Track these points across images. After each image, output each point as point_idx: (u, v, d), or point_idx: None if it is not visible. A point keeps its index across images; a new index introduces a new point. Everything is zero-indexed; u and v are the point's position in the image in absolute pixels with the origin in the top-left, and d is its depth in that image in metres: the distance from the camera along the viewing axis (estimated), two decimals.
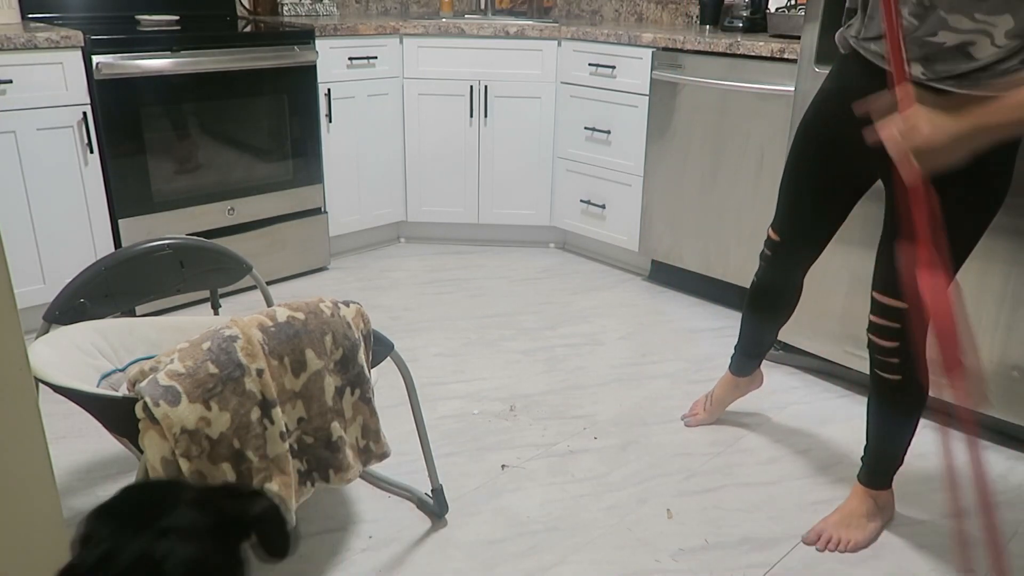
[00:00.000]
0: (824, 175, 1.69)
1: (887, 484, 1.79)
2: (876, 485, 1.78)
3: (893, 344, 1.59)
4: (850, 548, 1.73)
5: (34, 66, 2.35)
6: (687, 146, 2.85)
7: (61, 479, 1.89)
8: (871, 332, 1.63)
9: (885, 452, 1.75)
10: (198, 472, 1.26)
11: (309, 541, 1.72)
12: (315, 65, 2.97)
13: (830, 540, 1.73)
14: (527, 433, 2.13)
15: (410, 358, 2.52)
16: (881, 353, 1.62)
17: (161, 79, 2.59)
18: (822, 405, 2.31)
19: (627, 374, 2.46)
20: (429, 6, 4.02)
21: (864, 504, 1.78)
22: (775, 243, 1.82)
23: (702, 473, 1.99)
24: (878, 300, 1.59)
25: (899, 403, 1.67)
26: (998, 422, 2.16)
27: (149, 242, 1.75)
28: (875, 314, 1.60)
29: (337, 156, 3.17)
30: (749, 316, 2.01)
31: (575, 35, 3.14)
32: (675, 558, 1.69)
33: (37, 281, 2.50)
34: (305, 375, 1.39)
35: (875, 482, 1.78)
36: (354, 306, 1.51)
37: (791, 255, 1.82)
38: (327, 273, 3.22)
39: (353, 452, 1.49)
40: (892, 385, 1.64)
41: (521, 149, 3.36)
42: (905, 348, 1.58)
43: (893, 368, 1.62)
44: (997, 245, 1.96)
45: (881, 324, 1.59)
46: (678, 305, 2.99)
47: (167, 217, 2.72)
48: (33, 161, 2.41)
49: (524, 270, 3.30)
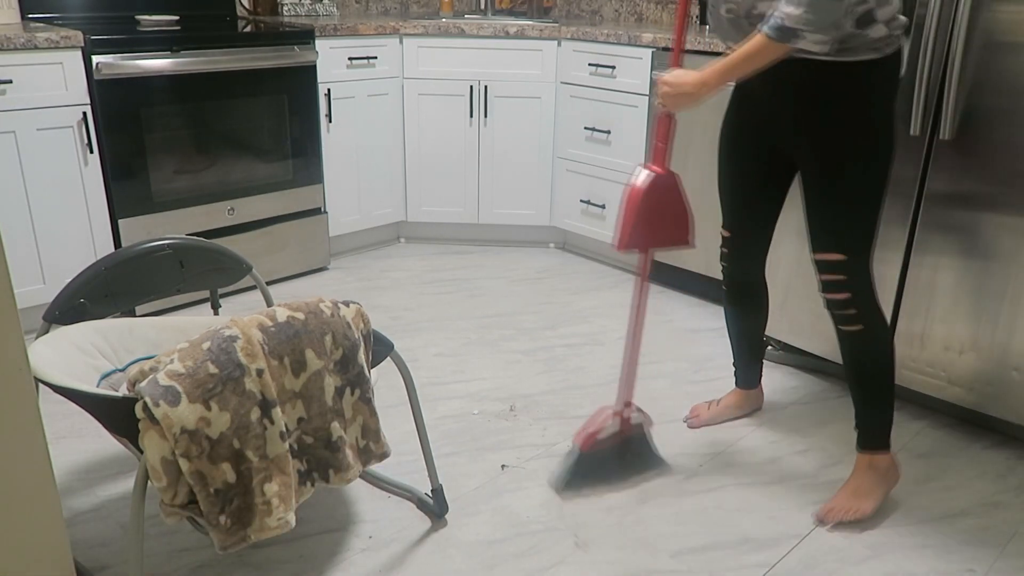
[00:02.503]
0: (743, 164, 1.88)
1: (885, 445, 1.83)
2: (873, 446, 1.82)
3: (844, 295, 1.72)
4: (858, 517, 1.79)
5: (34, 66, 2.35)
6: (687, 146, 2.85)
7: (61, 479, 1.89)
8: (822, 292, 1.76)
9: (873, 409, 1.81)
10: (198, 472, 1.26)
11: (309, 541, 1.72)
12: (315, 65, 2.97)
13: (841, 512, 1.79)
14: (527, 433, 2.13)
15: (410, 358, 2.52)
16: (836, 307, 1.74)
17: (161, 79, 2.59)
18: (822, 405, 2.31)
19: None
20: (429, 6, 4.02)
21: (867, 476, 1.83)
22: (726, 239, 1.98)
23: (702, 473, 1.99)
24: (817, 259, 1.74)
25: (868, 352, 1.76)
26: (998, 422, 2.16)
27: (149, 242, 1.75)
28: (819, 272, 1.75)
29: (337, 156, 3.17)
30: (730, 318, 2.12)
31: (575, 35, 3.14)
32: (675, 558, 1.69)
33: (37, 281, 2.51)
34: (305, 375, 1.39)
35: (872, 443, 1.82)
36: (354, 306, 1.51)
37: (743, 247, 1.96)
38: (327, 273, 3.22)
39: (353, 452, 1.49)
40: (856, 336, 1.75)
41: (521, 149, 3.36)
42: (856, 296, 1.72)
43: (851, 319, 1.73)
44: (998, 245, 1.96)
45: (827, 280, 1.74)
46: (678, 305, 2.99)
47: (167, 217, 2.72)
48: (33, 161, 2.41)
49: (524, 270, 3.30)
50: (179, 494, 1.28)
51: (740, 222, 1.94)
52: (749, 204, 1.91)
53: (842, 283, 1.71)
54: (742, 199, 1.91)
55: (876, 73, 1.59)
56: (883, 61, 1.59)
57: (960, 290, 2.05)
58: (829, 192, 1.67)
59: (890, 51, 1.59)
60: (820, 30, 1.49)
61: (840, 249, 1.69)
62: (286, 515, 1.34)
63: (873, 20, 1.54)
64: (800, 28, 1.49)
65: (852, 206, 1.67)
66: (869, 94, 1.60)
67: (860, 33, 1.54)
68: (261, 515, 1.32)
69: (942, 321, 2.10)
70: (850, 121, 1.62)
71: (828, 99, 1.62)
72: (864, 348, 1.76)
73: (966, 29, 1.89)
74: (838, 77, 1.59)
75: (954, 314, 2.08)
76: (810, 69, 1.59)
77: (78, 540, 1.69)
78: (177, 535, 1.72)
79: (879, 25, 1.55)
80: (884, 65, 1.59)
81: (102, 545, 1.69)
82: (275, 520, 1.33)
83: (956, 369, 2.10)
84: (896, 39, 1.60)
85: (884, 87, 1.62)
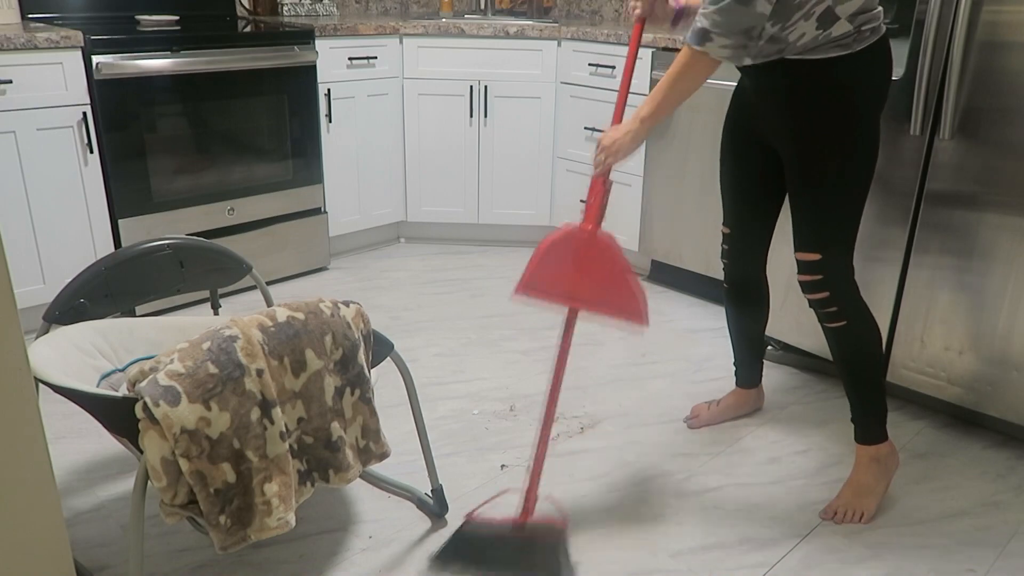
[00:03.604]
0: (741, 161, 1.89)
1: (883, 435, 1.84)
2: (872, 439, 1.84)
3: (824, 294, 1.74)
4: (864, 520, 1.81)
5: (34, 66, 2.35)
6: (687, 146, 2.85)
7: (61, 479, 1.89)
8: (803, 292, 1.77)
9: (866, 402, 1.82)
10: (198, 472, 1.26)
11: (309, 541, 1.72)
12: (315, 65, 2.97)
13: (846, 515, 1.81)
14: (527, 433, 2.13)
15: (410, 358, 2.52)
16: (820, 306, 1.76)
17: (161, 79, 2.59)
18: (822, 405, 2.31)
19: (627, 374, 2.46)
20: (429, 6, 4.02)
21: (869, 470, 1.84)
22: (727, 236, 2.00)
23: (702, 473, 1.99)
24: (798, 259, 1.75)
25: (855, 346, 1.77)
26: (997, 422, 2.16)
27: (149, 242, 1.75)
28: (799, 273, 1.76)
29: (337, 156, 3.17)
30: (730, 316, 2.12)
31: (575, 35, 3.14)
32: (675, 558, 1.69)
33: (37, 281, 2.51)
34: (305, 375, 1.39)
35: (871, 435, 1.84)
36: (354, 306, 1.51)
37: (743, 244, 1.98)
38: (327, 273, 3.22)
39: (353, 452, 1.49)
40: (841, 332, 1.76)
41: (521, 149, 3.36)
42: (837, 294, 1.73)
43: (834, 315, 1.75)
44: (997, 245, 1.96)
45: (806, 280, 1.75)
46: (678, 305, 2.99)
47: (167, 217, 2.72)
48: (33, 161, 2.41)
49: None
50: (179, 494, 1.28)
51: (740, 219, 1.96)
52: (748, 201, 1.93)
53: (819, 283, 1.73)
54: (742, 196, 1.93)
55: (844, 69, 1.57)
56: (853, 57, 1.57)
57: (960, 290, 2.05)
58: (805, 190, 1.68)
59: (860, 47, 1.57)
60: (727, 34, 1.50)
61: (817, 248, 1.71)
62: (286, 515, 1.34)
63: (835, 17, 1.53)
64: (709, 29, 1.50)
65: (828, 205, 1.67)
66: (840, 91, 1.59)
67: (822, 32, 1.54)
68: (261, 515, 1.32)
69: (942, 321, 2.10)
70: (823, 119, 1.62)
71: (801, 97, 1.62)
72: (850, 342, 1.77)
73: (966, 29, 1.89)
74: (807, 75, 1.59)
75: (954, 314, 2.08)
76: (784, 68, 1.61)
77: (78, 540, 1.69)
78: (177, 535, 1.72)
79: (842, 22, 1.54)
80: (855, 61, 1.57)
81: (102, 545, 1.69)
82: (275, 520, 1.33)
83: (956, 369, 2.10)
84: (866, 34, 1.57)
85: (858, 84, 1.60)
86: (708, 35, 1.51)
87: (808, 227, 1.71)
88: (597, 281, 1.63)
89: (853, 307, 1.75)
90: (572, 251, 1.63)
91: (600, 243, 1.64)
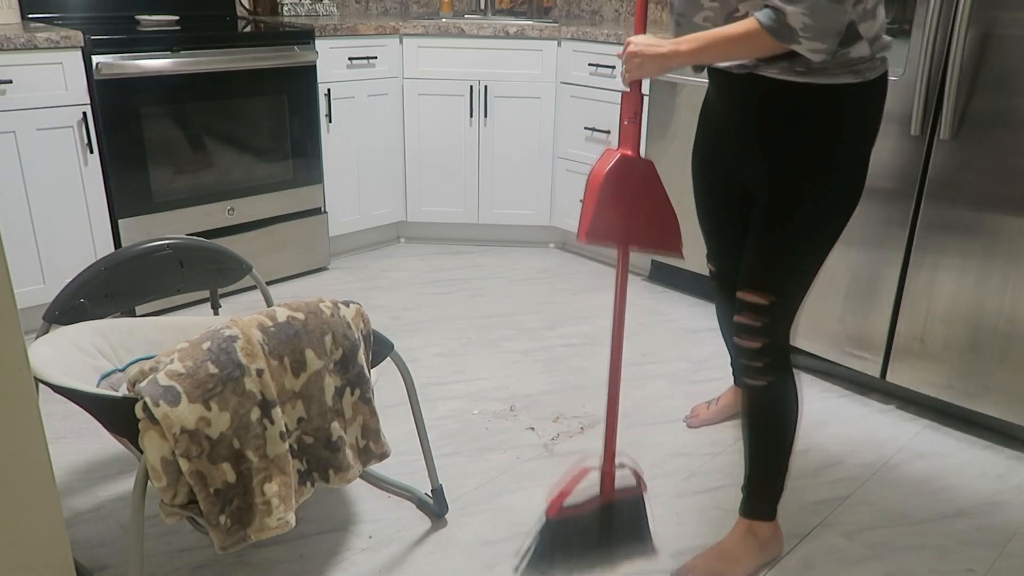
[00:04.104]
0: (716, 194, 1.75)
1: (770, 514, 1.66)
2: (757, 514, 1.65)
3: (757, 344, 1.54)
4: None
5: (34, 66, 2.35)
6: (687, 146, 2.85)
7: (61, 479, 1.89)
8: (735, 334, 1.57)
9: (764, 473, 1.64)
10: (198, 472, 1.26)
11: (309, 541, 1.72)
12: (315, 65, 2.97)
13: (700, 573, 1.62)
14: (527, 433, 2.13)
15: (410, 358, 2.52)
16: (747, 357, 1.56)
17: (161, 79, 2.59)
18: (822, 405, 2.31)
19: (627, 374, 2.45)
20: (429, 6, 4.02)
21: (744, 541, 1.65)
22: (712, 273, 1.90)
23: (702, 473, 1.99)
24: (741, 298, 1.55)
25: (770, 409, 1.58)
26: (997, 421, 2.16)
27: (149, 242, 1.75)
28: (739, 313, 1.56)
29: (337, 156, 3.17)
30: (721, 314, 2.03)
31: (575, 35, 3.14)
32: (675, 558, 1.69)
33: (37, 281, 2.51)
34: (305, 375, 1.39)
35: (756, 510, 1.65)
36: (354, 306, 1.51)
37: (733, 281, 1.75)
38: (327, 273, 3.22)
39: (353, 452, 1.49)
40: (762, 391, 1.57)
41: (521, 149, 3.36)
42: (773, 347, 1.54)
43: (761, 371, 1.56)
44: (997, 245, 1.96)
45: (744, 323, 1.55)
46: (678, 305, 2.99)
47: (167, 217, 2.72)
48: (33, 161, 2.41)
49: (524, 270, 3.30)
50: (179, 494, 1.28)
51: (726, 255, 1.81)
52: (730, 235, 1.76)
53: (759, 330, 1.53)
54: (720, 232, 1.79)
55: (851, 101, 1.40)
56: (861, 88, 1.39)
57: (960, 290, 2.05)
58: (770, 226, 1.49)
59: (872, 76, 1.40)
60: (818, 37, 1.29)
61: (767, 291, 1.50)
62: (286, 515, 1.34)
63: (857, 36, 1.35)
64: (798, 30, 1.29)
65: (791, 247, 1.48)
66: (839, 125, 1.41)
67: (840, 51, 1.35)
68: (261, 515, 1.32)
69: (942, 321, 2.10)
70: (810, 153, 1.42)
71: (791, 125, 1.42)
72: (768, 403, 1.58)
73: (966, 29, 1.89)
74: (806, 101, 1.40)
75: (954, 314, 2.08)
76: (776, 88, 1.41)
77: (78, 540, 1.70)
78: (177, 535, 1.72)
79: (863, 43, 1.36)
80: (862, 93, 1.40)
81: (102, 545, 1.69)
82: (275, 520, 1.33)
83: (956, 369, 2.11)
84: (879, 64, 1.41)
85: (858, 119, 1.42)
86: (796, 35, 1.30)
87: (763, 266, 1.51)
88: (646, 213, 1.55)
89: (783, 365, 1.56)
90: (620, 186, 1.53)
91: (642, 170, 1.53)
